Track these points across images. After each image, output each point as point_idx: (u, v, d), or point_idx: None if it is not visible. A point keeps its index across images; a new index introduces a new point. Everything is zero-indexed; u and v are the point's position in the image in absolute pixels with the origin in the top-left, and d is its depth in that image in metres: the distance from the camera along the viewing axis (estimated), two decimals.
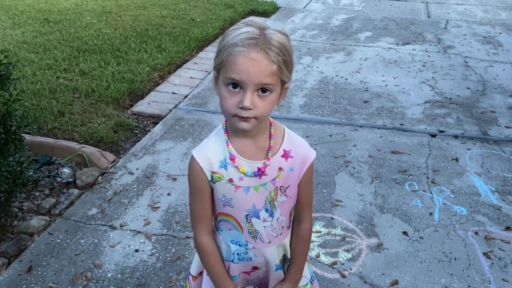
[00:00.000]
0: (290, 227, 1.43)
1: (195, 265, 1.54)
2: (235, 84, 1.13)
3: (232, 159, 1.26)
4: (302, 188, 1.37)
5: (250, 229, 1.33)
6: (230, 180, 1.27)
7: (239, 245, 1.36)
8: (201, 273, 1.51)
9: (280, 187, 1.32)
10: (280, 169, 1.29)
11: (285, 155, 1.31)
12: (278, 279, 1.44)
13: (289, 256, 1.43)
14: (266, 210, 1.32)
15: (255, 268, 1.42)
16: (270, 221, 1.34)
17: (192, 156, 1.30)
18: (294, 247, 1.43)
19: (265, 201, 1.31)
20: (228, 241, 1.37)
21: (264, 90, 1.14)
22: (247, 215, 1.31)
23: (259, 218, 1.32)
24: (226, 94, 1.15)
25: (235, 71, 1.11)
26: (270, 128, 1.30)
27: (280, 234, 1.38)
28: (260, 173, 1.27)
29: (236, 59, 1.11)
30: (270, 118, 1.29)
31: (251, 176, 1.27)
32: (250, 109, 1.13)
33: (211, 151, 1.28)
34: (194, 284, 1.53)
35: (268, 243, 1.36)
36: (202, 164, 1.27)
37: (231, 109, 1.15)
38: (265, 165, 1.27)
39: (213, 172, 1.27)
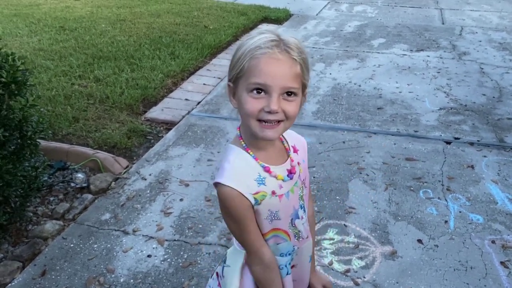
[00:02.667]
0: None
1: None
2: (259, 89, 1.11)
3: (268, 170, 1.22)
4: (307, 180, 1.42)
5: (295, 233, 1.33)
6: (273, 193, 1.22)
7: (288, 254, 1.33)
8: None
9: (303, 180, 1.35)
10: (298, 164, 1.32)
11: (295, 150, 1.35)
12: (309, 269, 1.47)
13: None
14: (301, 207, 1.34)
15: (293, 266, 1.40)
16: (305, 216, 1.36)
17: (222, 185, 1.16)
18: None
19: (298, 199, 1.33)
20: (277, 255, 1.31)
21: (289, 93, 1.13)
22: (292, 219, 1.31)
23: (299, 218, 1.33)
24: (249, 99, 1.12)
25: (259, 75, 1.09)
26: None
27: (308, 225, 1.41)
28: (292, 174, 1.29)
29: (259, 61, 1.09)
30: None
31: (287, 180, 1.27)
32: (277, 112, 1.11)
33: (242, 174, 1.19)
34: None
35: (306, 238, 1.38)
36: (240, 189, 1.16)
37: (255, 113, 1.12)
38: (292, 166, 1.29)
39: (255, 194, 1.19)
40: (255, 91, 1.11)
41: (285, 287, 1.34)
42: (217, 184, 1.18)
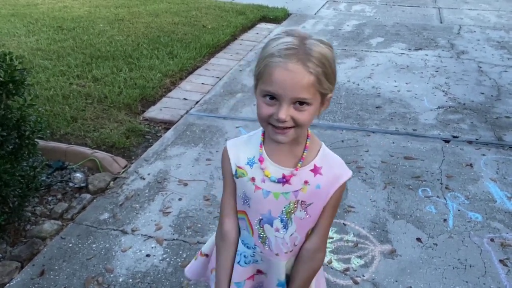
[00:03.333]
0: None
1: (208, 245, 1.58)
2: (272, 97, 1.11)
3: (261, 160, 1.26)
4: (325, 211, 1.30)
5: (260, 234, 1.32)
6: (252, 179, 1.27)
7: (248, 247, 1.36)
8: (207, 255, 1.58)
9: (301, 201, 1.26)
10: (305, 182, 1.24)
11: (315, 170, 1.25)
12: None
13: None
14: (281, 221, 1.29)
15: (260, 271, 1.41)
16: (283, 233, 1.30)
17: (225, 146, 1.34)
18: (294, 268, 1.37)
19: (282, 211, 1.28)
20: (240, 239, 1.38)
21: (301, 103, 1.11)
22: (261, 219, 1.30)
23: (272, 226, 1.30)
24: (262, 104, 1.14)
25: (271, 83, 1.09)
26: (307, 140, 1.26)
27: (291, 251, 1.34)
28: (284, 180, 1.24)
29: (273, 70, 1.08)
30: (309, 130, 1.27)
31: (274, 181, 1.25)
32: (285, 121, 1.11)
33: (243, 147, 1.31)
34: (198, 260, 1.62)
35: (276, 255, 1.33)
36: (231, 155, 1.31)
37: (266, 118, 1.14)
38: (292, 174, 1.24)
39: (238, 167, 1.29)
40: (268, 97, 1.12)
41: (233, 272, 1.39)
42: None
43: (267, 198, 1.26)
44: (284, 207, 1.27)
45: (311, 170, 1.25)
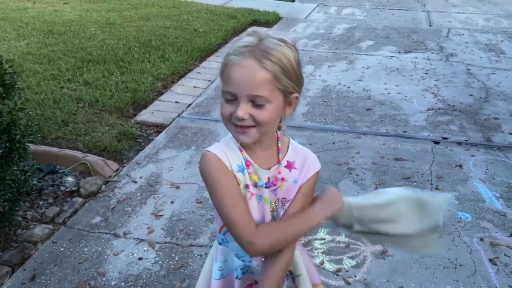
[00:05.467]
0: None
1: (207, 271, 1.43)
2: (231, 96, 1.13)
3: (247, 165, 1.22)
4: (298, 197, 1.28)
5: None
6: (247, 186, 1.22)
7: (243, 260, 1.32)
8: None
9: (282, 198, 1.27)
10: (282, 179, 1.26)
11: (288, 165, 1.27)
12: None
13: (293, 271, 1.38)
14: None
15: (257, 282, 1.36)
16: None
17: (209, 151, 1.20)
18: (263, 268, 1.29)
19: (270, 214, 1.27)
20: (234, 253, 1.32)
21: (259, 100, 1.11)
22: None
23: None
24: (223, 103, 1.16)
25: (229, 83, 1.12)
26: (278, 143, 1.27)
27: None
28: (271, 185, 1.24)
29: (230, 69, 1.11)
30: (278, 133, 1.27)
31: (262, 186, 1.24)
32: (244, 119, 1.12)
33: (227, 155, 1.21)
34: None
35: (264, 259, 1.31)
36: (224, 160, 1.19)
37: (227, 117, 1.16)
38: (276, 178, 1.25)
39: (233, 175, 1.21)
40: (228, 96, 1.14)
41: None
42: (205, 153, 1.21)
43: (260, 203, 1.25)
44: (270, 210, 1.27)
45: (285, 167, 1.27)
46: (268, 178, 1.24)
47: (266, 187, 1.23)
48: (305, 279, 1.40)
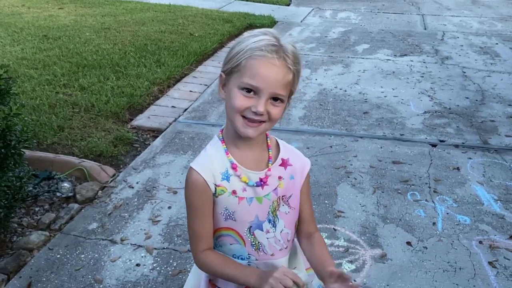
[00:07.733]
0: (294, 241, 1.41)
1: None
2: (250, 90, 1.14)
3: (234, 167, 1.24)
4: (304, 199, 1.37)
5: (253, 242, 1.31)
6: (234, 192, 1.25)
7: (242, 259, 1.33)
8: None
9: (282, 196, 1.31)
10: (280, 178, 1.29)
11: (284, 163, 1.31)
12: None
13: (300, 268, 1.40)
14: (269, 221, 1.30)
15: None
16: (273, 232, 1.31)
17: (192, 169, 1.24)
18: (322, 254, 1.34)
19: (268, 212, 1.29)
20: (230, 255, 1.33)
21: (276, 99, 1.16)
22: (250, 227, 1.29)
23: (262, 230, 1.30)
24: (239, 96, 1.15)
25: (254, 76, 1.12)
26: (267, 140, 1.31)
27: (286, 248, 1.35)
28: (262, 183, 1.26)
29: (257, 63, 1.12)
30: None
31: (253, 186, 1.25)
32: (262, 114, 1.15)
33: (212, 163, 1.24)
34: None
35: (272, 255, 1.33)
36: (205, 177, 1.22)
37: (242, 109, 1.16)
38: (267, 175, 1.27)
39: (216, 185, 1.24)
40: (245, 90, 1.15)
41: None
42: (189, 168, 1.26)
43: (251, 205, 1.27)
44: (269, 207, 1.29)
45: (281, 165, 1.30)
46: (260, 178, 1.27)
47: (257, 186, 1.26)
48: (300, 261, 1.44)
